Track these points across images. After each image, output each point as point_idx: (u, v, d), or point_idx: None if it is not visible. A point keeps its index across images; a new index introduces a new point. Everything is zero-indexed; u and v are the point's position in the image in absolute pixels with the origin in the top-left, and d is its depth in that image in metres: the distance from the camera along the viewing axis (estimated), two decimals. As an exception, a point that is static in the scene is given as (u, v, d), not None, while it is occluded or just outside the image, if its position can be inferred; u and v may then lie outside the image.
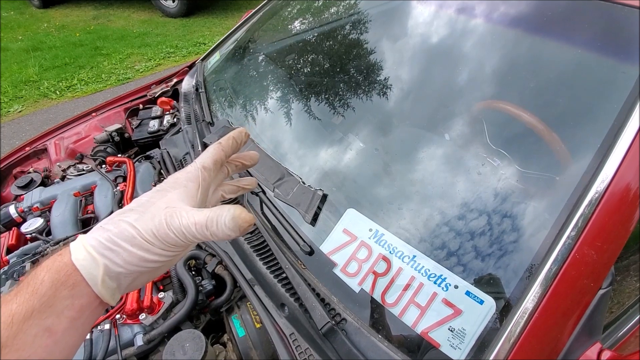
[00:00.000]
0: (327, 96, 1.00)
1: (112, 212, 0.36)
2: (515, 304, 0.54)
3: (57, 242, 0.95)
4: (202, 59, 1.52)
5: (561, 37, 0.77)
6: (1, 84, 3.84)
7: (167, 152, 1.17)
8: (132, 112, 1.49)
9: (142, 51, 4.54)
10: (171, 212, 0.34)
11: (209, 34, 4.92)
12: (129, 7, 5.95)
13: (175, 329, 0.76)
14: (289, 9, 1.43)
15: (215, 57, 1.48)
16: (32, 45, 4.72)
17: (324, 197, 0.78)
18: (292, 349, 0.64)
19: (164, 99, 1.47)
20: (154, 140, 1.33)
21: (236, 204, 0.89)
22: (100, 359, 0.71)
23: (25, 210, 1.11)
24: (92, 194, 1.13)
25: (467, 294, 0.59)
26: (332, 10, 1.29)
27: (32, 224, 1.04)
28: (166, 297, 0.80)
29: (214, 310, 0.81)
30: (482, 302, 0.57)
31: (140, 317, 0.77)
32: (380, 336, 0.62)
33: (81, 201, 1.12)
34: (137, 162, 1.22)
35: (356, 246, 0.70)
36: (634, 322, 0.71)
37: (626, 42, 0.66)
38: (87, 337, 0.74)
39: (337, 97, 0.98)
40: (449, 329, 0.57)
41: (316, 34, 1.26)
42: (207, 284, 0.83)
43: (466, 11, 0.90)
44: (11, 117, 3.41)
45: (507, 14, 0.84)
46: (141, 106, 1.48)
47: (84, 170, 1.26)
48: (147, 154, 1.30)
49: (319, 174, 0.85)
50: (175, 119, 1.38)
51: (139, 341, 0.75)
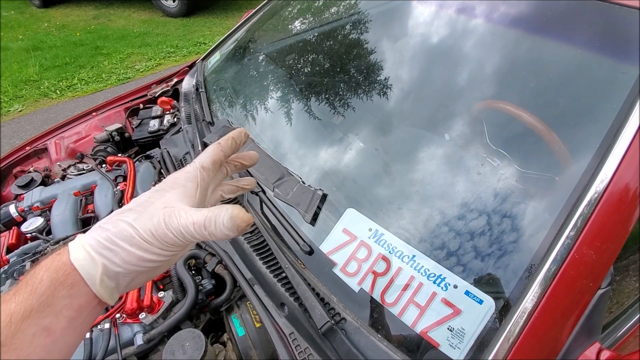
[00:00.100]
0: (327, 96, 1.00)
1: (112, 212, 0.36)
2: (514, 303, 0.54)
3: (57, 242, 0.95)
4: (203, 59, 1.52)
5: (561, 37, 0.77)
6: (1, 84, 3.85)
7: (167, 151, 1.17)
8: (133, 112, 1.49)
9: (142, 51, 4.54)
10: (170, 211, 0.34)
11: (210, 33, 4.92)
12: (130, 6, 5.95)
13: (175, 328, 0.76)
14: (289, 9, 1.43)
15: (215, 57, 1.48)
16: (32, 44, 4.72)
17: (324, 196, 0.78)
18: (292, 349, 0.64)
19: (164, 98, 1.47)
20: (154, 139, 1.33)
21: (236, 203, 0.89)
22: (100, 358, 0.71)
23: (25, 209, 1.11)
24: (92, 194, 1.14)
25: (467, 293, 0.59)
26: (332, 10, 1.29)
27: (32, 223, 1.04)
28: (166, 296, 0.80)
29: (214, 309, 0.81)
30: (481, 301, 0.57)
31: (140, 317, 0.77)
32: (379, 336, 0.62)
33: (81, 201, 1.12)
34: (137, 162, 1.23)
35: (356, 246, 0.70)
36: (633, 322, 0.71)
37: (626, 43, 0.66)
38: (87, 336, 0.74)
39: (337, 97, 0.98)
40: (449, 329, 0.58)
41: (316, 34, 1.26)
42: (207, 284, 0.83)
43: (466, 11, 0.90)
44: (11, 117, 3.41)
45: (507, 14, 0.84)
46: (141, 106, 1.49)
47: (84, 169, 1.26)
48: (147, 153, 1.30)
49: (319, 173, 0.85)
50: (175, 119, 1.38)
51: (139, 340, 0.75)
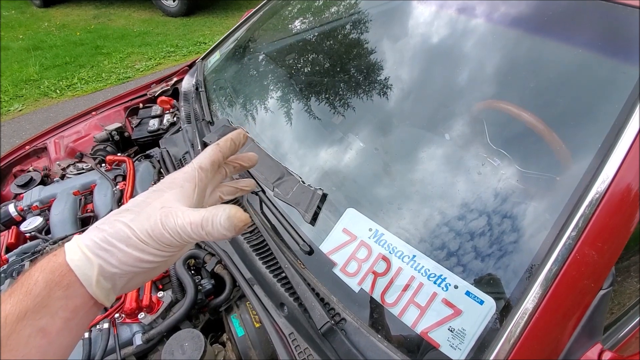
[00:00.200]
0: (327, 96, 1.00)
1: (111, 211, 0.36)
2: (515, 304, 0.54)
3: (56, 241, 0.95)
4: (202, 58, 1.51)
5: (562, 37, 0.77)
6: (2, 83, 3.84)
7: (167, 151, 1.16)
8: (132, 111, 1.49)
9: (142, 50, 4.54)
10: (167, 212, 0.34)
11: (210, 33, 4.91)
12: (130, 6, 5.95)
13: (174, 328, 0.76)
14: (289, 9, 1.43)
15: (215, 57, 1.47)
16: (32, 44, 4.71)
17: (324, 196, 0.78)
18: (292, 349, 0.63)
19: (164, 98, 1.47)
20: (154, 139, 1.33)
21: (235, 203, 0.89)
22: (99, 358, 0.71)
23: (24, 208, 1.11)
24: (91, 193, 1.13)
25: (467, 294, 0.59)
26: (333, 9, 1.29)
27: (32, 223, 1.04)
28: (165, 296, 0.80)
29: (213, 309, 0.81)
30: (482, 302, 0.57)
31: (139, 316, 0.77)
32: (379, 336, 0.61)
33: (80, 200, 1.12)
34: (136, 161, 1.22)
35: (356, 246, 0.70)
36: (634, 323, 0.71)
37: (627, 43, 0.66)
38: (86, 335, 0.74)
39: (337, 96, 0.98)
40: (449, 329, 0.57)
41: (316, 34, 1.26)
42: (206, 283, 0.83)
43: (466, 11, 0.89)
44: (11, 116, 3.41)
45: (507, 13, 0.84)
46: (141, 105, 1.48)
47: (83, 169, 1.26)
48: (147, 153, 1.30)
49: (319, 173, 0.85)
50: (175, 118, 1.38)
51: (138, 340, 0.75)
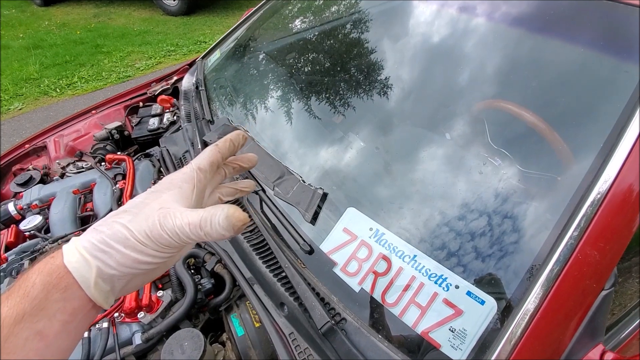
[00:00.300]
0: (327, 95, 0.99)
1: (111, 210, 0.36)
2: (516, 304, 0.54)
3: (56, 240, 0.95)
4: (203, 57, 1.51)
5: (563, 36, 0.76)
6: (2, 82, 3.84)
7: (167, 150, 1.16)
8: (132, 110, 1.49)
9: (142, 49, 4.53)
10: (165, 212, 0.34)
11: (210, 32, 4.91)
12: (130, 5, 5.94)
13: (173, 328, 0.76)
14: (290, 8, 1.43)
15: (215, 55, 1.47)
16: (32, 43, 4.71)
17: (324, 195, 0.78)
18: (292, 349, 0.63)
19: (164, 96, 1.47)
20: (154, 138, 1.32)
21: (236, 202, 0.88)
22: (98, 357, 0.70)
23: (24, 207, 1.11)
24: (91, 192, 1.13)
25: (468, 294, 0.58)
26: (333, 9, 1.29)
27: (31, 222, 1.04)
28: (165, 295, 0.80)
29: (213, 309, 0.81)
30: (483, 302, 0.57)
31: (138, 316, 0.76)
32: (380, 336, 0.61)
33: (80, 199, 1.12)
34: (136, 160, 1.22)
35: (356, 245, 0.70)
36: (636, 324, 0.71)
37: (629, 42, 0.65)
38: (85, 335, 0.74)
39: (338, 96, 0.97)
40: (450, 330, 0.57)
41: (316, 33, 1.26)
42: (206, 283, 0.83)
43: (467, 10, 0.89)
44: (11, 115, 3.40)
45: (508, 13, 0.83)
46: (141, 104, 1.48)
47: (83, 167, 1.26)
48: (147, 151, 1.30)
49: (319, 172, 0.84)
50: (175, 117, 1.37)
51: (137, 340, 0.75)
